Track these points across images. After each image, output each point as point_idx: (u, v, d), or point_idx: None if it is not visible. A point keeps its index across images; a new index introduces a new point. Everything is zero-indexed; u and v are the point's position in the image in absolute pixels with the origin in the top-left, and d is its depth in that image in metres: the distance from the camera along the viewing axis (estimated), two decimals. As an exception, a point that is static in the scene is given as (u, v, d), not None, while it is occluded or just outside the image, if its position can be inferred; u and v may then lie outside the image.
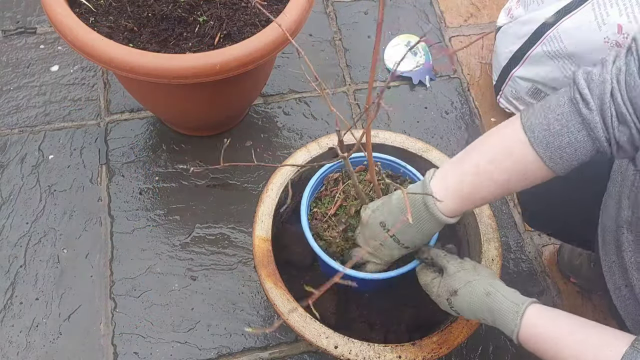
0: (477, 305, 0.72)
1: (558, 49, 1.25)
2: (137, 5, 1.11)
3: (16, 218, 1.23)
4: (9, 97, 1.40)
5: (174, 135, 1.37)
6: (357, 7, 1.67)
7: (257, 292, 1.18)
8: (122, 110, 1.40)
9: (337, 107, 1.46)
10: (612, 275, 0.78)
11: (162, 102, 1.21)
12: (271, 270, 0.89)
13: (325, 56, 1.55)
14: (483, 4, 1.73)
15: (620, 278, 0.76)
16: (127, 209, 1.26)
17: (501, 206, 1.34)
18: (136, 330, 1.12)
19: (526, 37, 1.32)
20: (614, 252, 0.77)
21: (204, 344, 1.11)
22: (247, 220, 1.26)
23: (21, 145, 1.33)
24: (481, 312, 0.72)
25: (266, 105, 1.44)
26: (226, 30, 1.09)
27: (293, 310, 0.84)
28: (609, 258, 0.78)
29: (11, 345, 1.09)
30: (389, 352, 0.81)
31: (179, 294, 1.16)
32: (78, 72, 1.46)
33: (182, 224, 1.25)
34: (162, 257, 1.20)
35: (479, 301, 0.72)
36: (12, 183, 1.28)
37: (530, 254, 1.28)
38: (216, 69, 0.98)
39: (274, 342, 1.12)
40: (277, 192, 0.97)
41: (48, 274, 1.17)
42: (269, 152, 1.37)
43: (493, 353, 1.15)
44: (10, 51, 1.48)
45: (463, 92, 1.53)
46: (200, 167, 1.23)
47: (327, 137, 1.04)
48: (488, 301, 0.70)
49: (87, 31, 1.00)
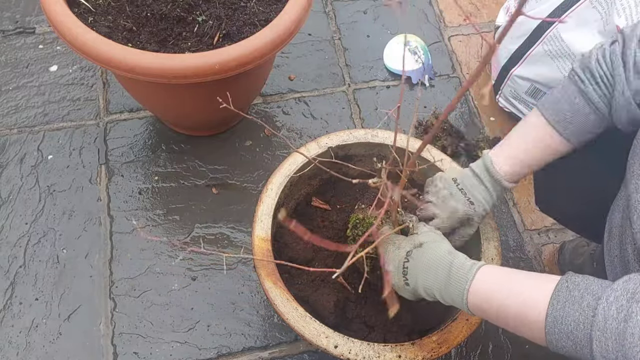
0: (437, 261, 0.74)
1: (559, 48, 1.25)
2: (136, 5, 1.11)
3: (15, 218, 1.23)
4: (7, 97, 1.40)
5: (173, 135, 1.37)
6: (357, 6, 1.67)
7: (257, 291, 1.18)
8: (121, 110, 1.40)
9: (336, 107, 1.46)
10: (613, 269, 0.78)
11: (161, 102, 1.20)
12: (271, 269, 0.88)
13: (324, 56, 1.55)
14: (482, 3, 1.73)
15: (621, 272, 0.76)
16: (126, 209, 1.26)
17: (500, 205, 1.34)
18: (136, 330, 1.12)
19: (525, 36, 1.33)
20: (617, 247, 0.77)
21: (204, 344, 1.11)
22: (246, 220, 1.26)
23: (20, 146, 1.33)
24: (437, 268, 0.73)
25: (265, 105, 1.44)
26: (225, 30, 1.09)
27: (293, 309, 0.84)
28: (612, 252, 0.79)
29: (11, 345, 1.09)
30: (389, 351, 0.81)
31: (179, 293, 1.16)
32: (77, 72, 1.46)
33: (182, 223, 1.25)
34: (161, 257, 1.20)
35: (440, 256, 0.75)
36: (11, 183, 1.27)
37: (530, 253, 1.28)
38: (215, 68, 0.98)
39: (273, 341, 1.12)
40: (277, 191, 0.97)
41: (48, 274, 1.17)
42: (269, 151, 1.37)
43: (492, 352, 1.15)
44: (9, 51, 1.48)
45: (462, 91, 1.53)
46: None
47: (326, 137, 1.04)
48: (450, 258, 0.74)
49: (85, 31, 1.00)
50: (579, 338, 0.59)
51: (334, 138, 1.03)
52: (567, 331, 0.60)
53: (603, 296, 0.58)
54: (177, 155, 1.34)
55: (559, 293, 0.62)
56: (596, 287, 0.60)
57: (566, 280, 0.63)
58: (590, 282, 0.61)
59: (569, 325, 0.59)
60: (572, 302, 0.60)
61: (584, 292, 0.60)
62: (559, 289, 0.62)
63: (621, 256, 0.76)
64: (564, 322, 0.60)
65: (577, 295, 0.60)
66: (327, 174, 1.10)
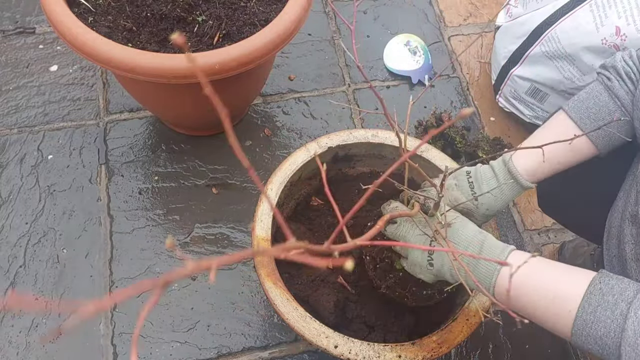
0: (468, 240, 0.70)
1: (556, 50, 1.25)
2: (136, 5, 1.11)
3: (15, 218, 1.23)
4: (8, 97, 1.40)
5: (173, 135, 1.37)
6: (357, 6, 1.67)
7: (257, 291, 1.18)
8: (121, 110, 1.40)
9: (336, 107, 1.46)
10: (612, 269, 0.78)
11: (161, 102, 1.20)
12: (271, 269, 0.89)
13: (324, 56, 1.55)
14: (482, 3, 1.73)
15: (619, 271, 0.76)
16: (126, 209, 1.26)
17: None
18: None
19: (525, 36, 1.32)
20: (615, 247, 0.78)
21: (204, 344, 1.11)
22: (246, 220, 1.26)
23: (20, 145, 1.33)
24: (468, 248, 0.70)
25: (265, 105, 1.44)
26: (225, 30, 1.09)
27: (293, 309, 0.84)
28: (611, 252, 0.79)
29: (11, 345, 1.09)
30: (389, 351, 0.81)
31: (179, 293, 1.16)
32: (77, 72, 1.46)
33: (182, 223, 1.25)
34: (161, 257, 1.20)
35: (471, 235, 0.71)
36: (11, 183, 1.27)
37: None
38: (215, 68, 0.98)
39: (273, 341, 1.12)
40: (277, 191, 0.97)
41: (48, 274, 1.17)
42: (269, 151, 1.37)
43: (493, 352, 1.15)
44: (9, 51, 1.48)
45: (462, 91, 1.53)
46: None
47: (326, 137, 1.04)
48: (481, 237, 0.70)
49: (86, 31, 0.99)
50: (608, 345, 0.57)
51: (334, 138, 1.03)
52: (597, 336, 0.58)
53: (631, 309, 0.56)
54: (177, 155, 1.34)
55: (591, 296, 0.59)
56: (631, 294, 0.58)
57: (599, 281, 0.60)
58: (625, 287, 0.59)
59: (598, 331, 0.58)
60: (604, 308, 0.58)
61: (618, 299, 0.58)
62: (591, 291, 0.60)
63: (619, 255, 0.76)
64: (593, 326, 0.58)
65: (610, 301, 0.58)
66: (327, 174, 1.10)
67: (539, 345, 1.18)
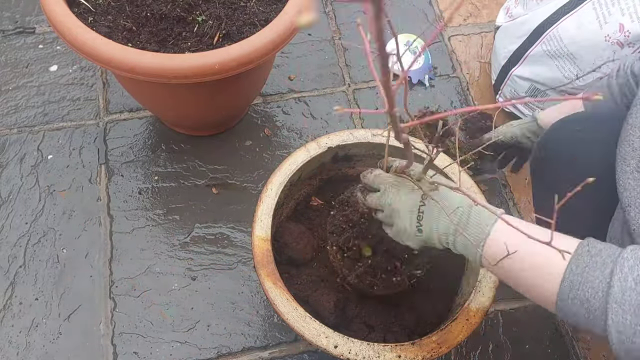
0: (458, 202, 0.69)
1: (558, 48, 1.25)
2: (136, 5, 1.11)
3: (15, 218, 1.23)
4: (7, 97, 1.40)
5: (173, 135, 1.37)
6: (356, 6, 1.67)
7: (257, 291, 1.18)
8: (121, 110, 1.40)
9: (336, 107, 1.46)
10: None
11: (161, 102, 1.20)
12: (270, 269, 0.88)
13: (324, 56, 1.55)
14: (482, 3, 1.73)
15: None
16: (126, 209, 1.26)
17: (500, 205, 1.34)
18: (136, 330, 1.12)
19: (525, 36, 1.32)
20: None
21: (204, 344, 1.11)
22: (246, 220, 1.26)
23: (20, 145, 1.33)
24: (457, 210, 0.68)
25: (265, 105, 1.44)
26: (225, 29, 1.09)
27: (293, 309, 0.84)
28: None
29: (11, 345, 1.09)
30: (389, 351, 0.81)
31: (179, 293, 1.16)
32: (77, 72, 1.46)
33: (182, 223, 1.25)
34: (161, 257, 1.20)
35: (460, 197, 0.69)
36: (11, 183, 1.27)
37: (530, 253, 1.28)
38: (215, 68, 0.98)
39: (273, 341, 1.12)
40: (277, 191, 0.97)
41: (47, 274, 1.17)
42: (269, 151, 1.37)
43: (493, 352, 1.15)
44: (9, 51, 1.48)
45: (462, 91, 1.53)
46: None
47: (326, 137, 1.04)
48: (468, 201, 0.69)
49: (85, 31, 0.99)
50: (595, 308, 0.56)
51: (334, 138, 1.03)
52: (583, 298, 0.56)
53: (617, 266, 0.55)
54: (177, 155, 1.34)
55: (579, 257, 0.58)
56: (617, 254, 0.57)
57: (587, 244, 0.59)
58: (613, 251, 0.58)
59: (586, 292, 0.56)
60: (592, 268, 0.57)
61: (607, 259, 0.57)
62: (579, 253, 0.58)
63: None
64: (581, 287, 0.57)
65: (598, 262, 0.57)
66: (327, 174, 1.10)
67: (539, 346, 1.18)
